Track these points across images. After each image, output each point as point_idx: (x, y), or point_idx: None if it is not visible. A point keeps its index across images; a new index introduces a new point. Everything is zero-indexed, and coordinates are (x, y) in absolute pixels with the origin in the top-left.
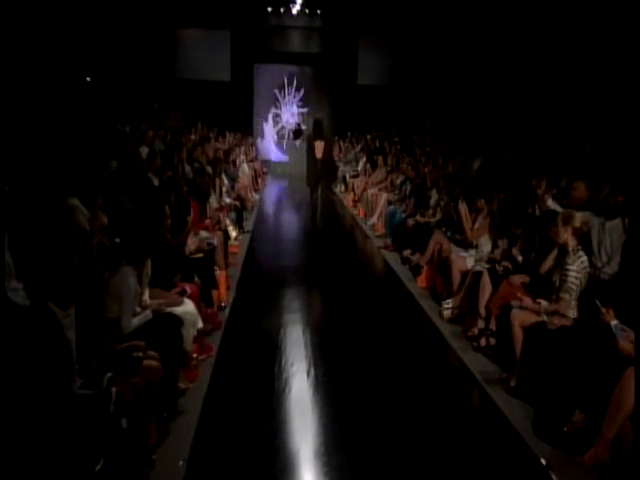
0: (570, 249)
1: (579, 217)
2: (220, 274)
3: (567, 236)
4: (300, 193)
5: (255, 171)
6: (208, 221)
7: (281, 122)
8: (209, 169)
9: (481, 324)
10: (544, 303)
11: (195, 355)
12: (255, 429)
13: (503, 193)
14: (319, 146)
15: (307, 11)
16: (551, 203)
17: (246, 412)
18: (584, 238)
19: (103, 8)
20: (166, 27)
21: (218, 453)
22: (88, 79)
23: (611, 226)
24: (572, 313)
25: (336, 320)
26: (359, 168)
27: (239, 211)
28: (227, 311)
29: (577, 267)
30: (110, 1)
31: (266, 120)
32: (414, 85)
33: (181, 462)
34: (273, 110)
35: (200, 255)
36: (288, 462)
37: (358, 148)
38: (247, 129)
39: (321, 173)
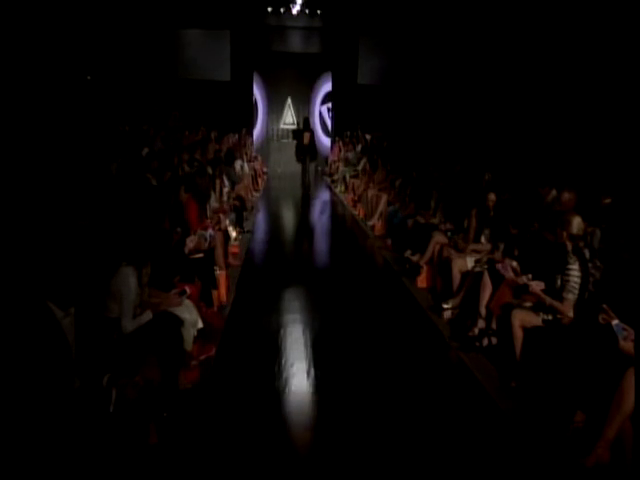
0: (569, 249)
1: (576, 223)
2: (220, 274)
3: (565, 239)
4: (300, 193)
5: (255, 171)
6: (208, 221)
7: (282, 122)
8: (209, 169)
9: (482, 324)
10: (533, 283)
11: (195, 355)
12: (255, 429)
13: (495, 193)
14: (306, 136)
15: (307, 11)
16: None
17: (246, 412)
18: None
19: (104, 7)
20: (167, 27)
21: (218, 453)
22: (88, 78)
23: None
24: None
25: (336, 320)
26: (359, 168)
27: (239, 211)
28: (227, 311)
29: (578, 266)
30: (111, 1)
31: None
32: (414, 85)
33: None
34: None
35: (200, 255)
36: (288, 462)
37: (359, 148)
38: (247, 129)
39: (307, 154)
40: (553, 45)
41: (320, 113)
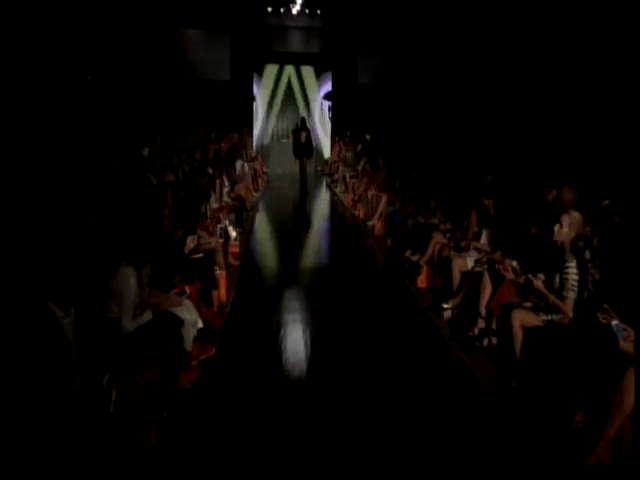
0: (567, 248)
1: (575, 223)
2: (220, 274)
3: (563, 238)
4: (299, 193)
5: (255, 171)
6: (208, 221)
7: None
8: (209, 169)
9: (482, 324)
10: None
11: (195, 355)
12: (255, 430)
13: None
14: (303, 135)
15: (307, 11)
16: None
17: (246, 412)
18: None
19: (105, 7)
20: (166, 27)
21: (218, 453)
22: (88, 78)
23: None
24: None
25: (336, 320)
26: (359, 168)
27: (239, 211)
28: (227, 311)
29: (576, 265)
30: (112, 1)
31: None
32: (414, 85)
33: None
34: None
35: (200, 255)
36: (288, 463)
37: (359, 148)
38: (247, 129)
39: (304, 151)
40: (553, 45)
41: (321, 107)
